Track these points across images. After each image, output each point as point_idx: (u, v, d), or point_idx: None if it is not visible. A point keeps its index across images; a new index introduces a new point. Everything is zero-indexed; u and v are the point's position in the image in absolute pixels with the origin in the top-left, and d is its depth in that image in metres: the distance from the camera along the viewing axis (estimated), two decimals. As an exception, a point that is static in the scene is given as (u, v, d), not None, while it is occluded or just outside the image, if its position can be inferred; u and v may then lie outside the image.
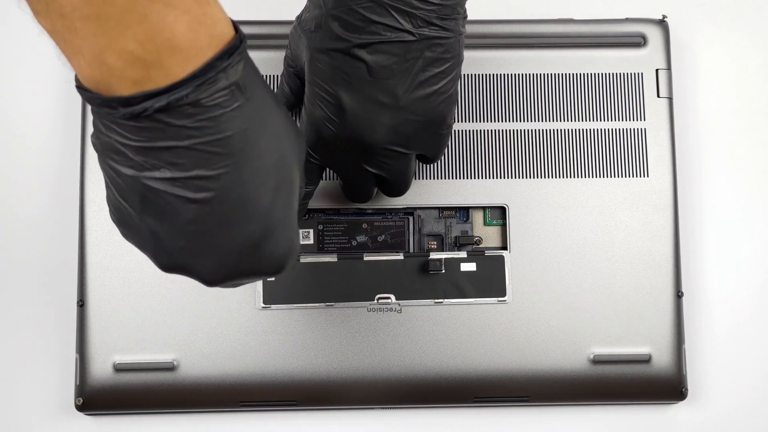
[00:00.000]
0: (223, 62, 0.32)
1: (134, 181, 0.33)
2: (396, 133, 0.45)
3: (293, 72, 0.51)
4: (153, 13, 0.30)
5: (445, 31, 0.43)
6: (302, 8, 0.47)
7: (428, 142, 0.47)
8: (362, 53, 0.43)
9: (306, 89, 0.46)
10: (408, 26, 0.42)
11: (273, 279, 0.43)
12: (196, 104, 0.31)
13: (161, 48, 0.30)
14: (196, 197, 0.33)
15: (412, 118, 0.45)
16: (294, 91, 0.53)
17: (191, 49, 0.31)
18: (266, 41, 0.58)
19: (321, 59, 0.44)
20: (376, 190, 0.52)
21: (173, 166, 0.32)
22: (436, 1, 0.42)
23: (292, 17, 0.59)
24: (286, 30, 0.58)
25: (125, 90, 0.31)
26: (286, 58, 0.51)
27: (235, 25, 0.34)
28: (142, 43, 0.30)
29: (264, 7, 0.63)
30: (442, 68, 0.44)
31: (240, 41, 0.33)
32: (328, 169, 0.55)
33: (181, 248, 0.34)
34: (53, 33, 0.31)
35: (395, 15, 0.42)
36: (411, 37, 0.42)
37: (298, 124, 0.49)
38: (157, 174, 0.32)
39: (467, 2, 0.44)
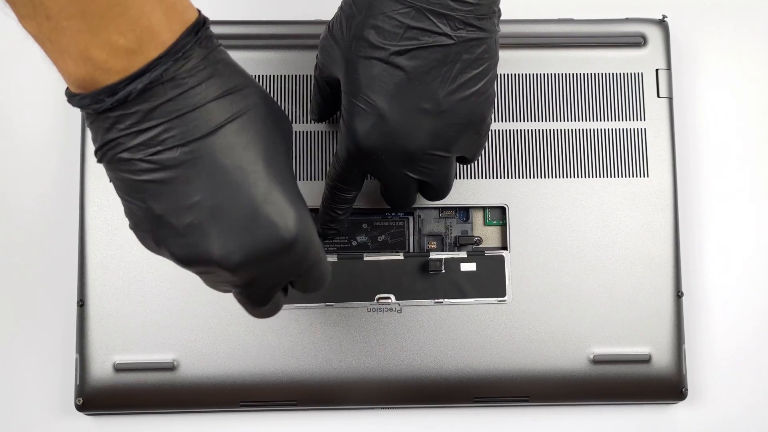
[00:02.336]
0: (191, 38, 0.34)
1: (132, 165, 0.35)
2: (438, 138, 0.44)
3: (325, 82, 0.50)
4: (133, 6, 0.32)
5: (482, 31, 0.42)
6: (330, 16, 0.47)
7: (468, 143, 0.46)
8: (400, 60, 0.42)
9: (343, 100, 0.45)
10: (446, 29, 0.41)
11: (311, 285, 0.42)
12: (174, 80, 0.34)
13: (141, 36, 0.33)
14: (192, 164, 0.35)
15: (453, 122, 0.44)
16: (327, 100, 0.52)
17: (167, 33, 0.33)
18: (264, 41, 0.58)
19: (358, 69, 0.43)
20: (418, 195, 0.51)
21: (167, 141, 0.34)
22: (474, 1, 0.41)
23: (289, 17, 0.59)
24: (284, 30, 0.59)
25: (111, 82, 0.33)
26: (316, 67, 0.50)
27: (199, 11, 0.36)
28: (124, 34, 0.32)
29: (261, 8, 0.63)
30: (480, 69, 0.43)
31: (204, 20, 0.35)
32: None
33: (190, 225, 0.35)
34: (39, 35, 0.33)
35: (432, 18, 0.41)
36: (449, 41, 0.42)
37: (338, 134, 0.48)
38: (152, 150, 0.34)
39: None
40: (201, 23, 0.35)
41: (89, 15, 0.32)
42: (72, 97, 0.35)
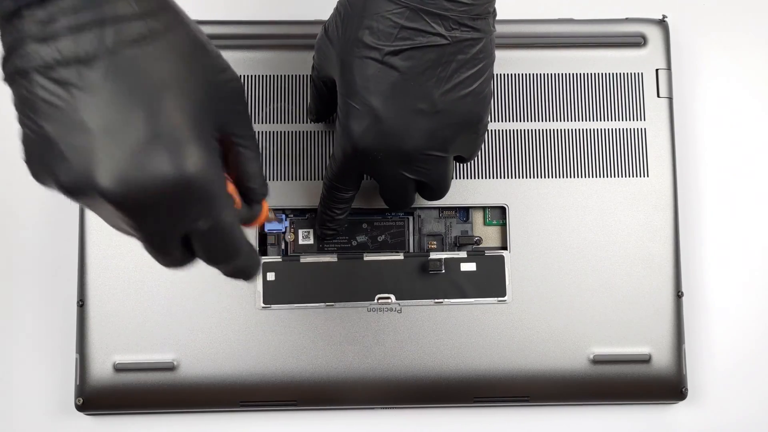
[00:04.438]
0: None
1: (30, 81, 0.32)
2: (434, 138, 0.44)
3: (322, 82, 0.50)
4: None
5: (477, 31, 0.42)
6: (328, 17, 0.47)
7: (466, 143, 0.46)
8: (395, 60, 0.42)
9: (339, 101, 0.45)
10: (440, 29, 0.41)
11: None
12: None
13: None
14: (91, 80, 0.32)
15: (449, 121, 0.44)
16: (324, 100, 0.52)
17: None
18: (264, 41, 0.58)
19: (353, 70, 0.43)
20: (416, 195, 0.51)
21: (68, 54, 0.32)
22: (468, 1, 0.41)
23: (288, 17, 0.59)
24: (283, 30, 0.59)
25: None
26: (313, 68, 0.50)
27: None
28: None
29: (260, 8, 0.63)
30: (476, 69, 0.43)
31: None
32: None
33: (78, 148, 0.32)
34: None
35: (427, 19, 0.41)
36: (444, 41, 0.42)
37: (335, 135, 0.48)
38: (50, 61, 0.32)
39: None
40: None
41: None
42: None
